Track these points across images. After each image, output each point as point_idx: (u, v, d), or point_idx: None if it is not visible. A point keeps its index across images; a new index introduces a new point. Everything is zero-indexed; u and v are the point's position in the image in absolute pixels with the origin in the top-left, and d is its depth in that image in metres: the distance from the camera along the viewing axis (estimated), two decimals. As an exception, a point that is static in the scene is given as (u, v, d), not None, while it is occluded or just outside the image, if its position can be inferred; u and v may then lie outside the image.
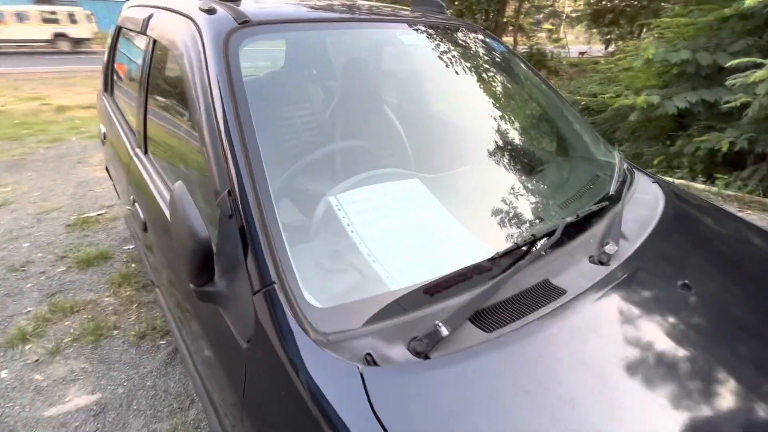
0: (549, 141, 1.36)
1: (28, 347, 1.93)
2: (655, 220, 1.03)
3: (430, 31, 1.34)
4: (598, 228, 0.96)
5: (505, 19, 13.96)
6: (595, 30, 14.63)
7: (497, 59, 1.45)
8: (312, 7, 1.28)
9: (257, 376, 0.67)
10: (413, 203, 0.95)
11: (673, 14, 5.08)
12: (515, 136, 1.29)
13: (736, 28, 4.27)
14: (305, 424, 0.56)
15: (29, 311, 2.16)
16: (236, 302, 0.72)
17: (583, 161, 1.26)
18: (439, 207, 0.93)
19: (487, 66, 1.39)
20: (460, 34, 1.42)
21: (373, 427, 0.51)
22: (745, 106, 3.70)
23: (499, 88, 1.39)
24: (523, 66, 1.48)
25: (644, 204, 1.12)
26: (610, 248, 0.88)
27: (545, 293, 0.75)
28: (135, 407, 1.64)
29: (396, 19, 1.30)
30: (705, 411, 0.59)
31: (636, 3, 11.85)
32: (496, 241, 0.85)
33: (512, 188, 1.06)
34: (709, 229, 1.13)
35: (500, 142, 1.21)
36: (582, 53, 15.23)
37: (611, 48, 13.61)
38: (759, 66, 3.34)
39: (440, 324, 0.63)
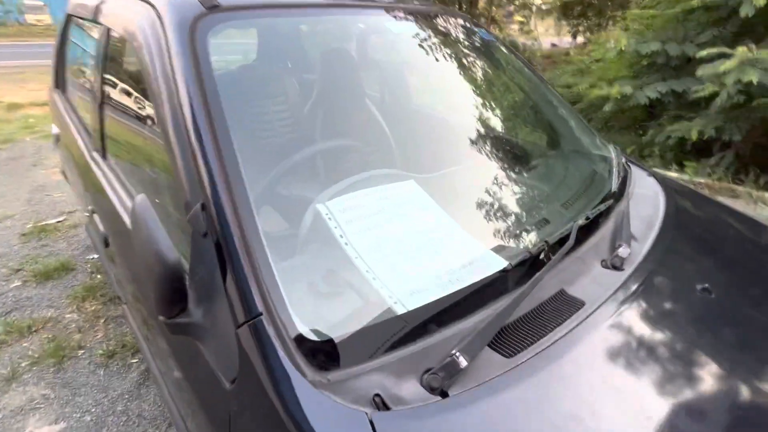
0: (546, 136, 1.30)
1: (-21, 374, 1.73)
2: (659, 218, 0.99)
3: (419, 19, 1.24)
4: (607, 229, 0.90)
5: (478, 11, 13.99)
6: (564, 22, 14.93)
7: (490, 52, 1.37)
8: None
9: (244, 424, 0.57)
10: (411, 209, 0.86)
11: (642, 6, 5.16)
12: (512, 132, 1.22)
13: (702, 20, 4.37)
14: None
15: (-20, 333, 1.95)
16: (216, 336, 0.61)
17: (582, 156, 1.21)
18: (441, 212, 0.84)
19: (478, 59, 1.31)
20: (449, 24, 1.33)
21: None
22: (713, 96, 3.79)
23: (493, 82, 1.31)
24: (518, 60, 1.41)
25: (646, 200, 1.07)
26: (623, 251, 0.82)
27: (563, 306, 0.69)
28: (107, 430, 1.49)
29: (381, 5, 1.20)
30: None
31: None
32: (507, 249, 0.77)
33: (514, 188, 0.99)
34: (713, 224, 1.10)
35: (497, 138, 1.14)
36: (554, 45, 15.48)
37: (580, 39, 13.87)
38: (727, 56, 3.41)
39: (457, 354, 0.54)
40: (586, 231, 0.88)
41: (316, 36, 1.16)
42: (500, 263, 0.71)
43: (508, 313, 0.61)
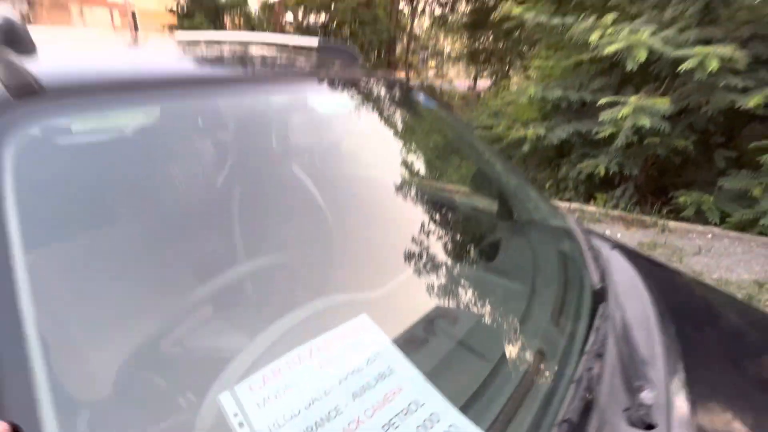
0: (502, 209, 1.11)
1: None
2: (653, 322, 0.82)
3: (343, 89, 1.01)
4: (609, 356, 0.69)
5: (395, 59, 14.82)
6: (472, 67, 16.44)
7: (425, 118, 1.18)
8: (169, 61, 0.86)
9: None
10: (359, 358, 0.57)
11: (542, 57, 5.70)
12: (448, 216, 1.02)
13: (591, 70, 4.90)
14: None
15: None
16: None
17: (532, 235, 1.03)
18: (413, 371, 0.57)
19: (411, 126, 1.11)
20: (379, 91, 1.11)
21: None
22: (612, 136, 4.16)
23: (427, 154, 1.11)
24: (454, 123, 1.24)
25: (630, 294, 0.91)
26: (646, 397, 0.61)
27: None
28: None
29: (296, 77, 0.94)
30: None
31: (503, 46, 13.59)
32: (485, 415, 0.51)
33: (497, 312, 0.76)
34: (704, 314, 0.98)
35: (431, 227, 0.91)
36: (471, 88, 16.81)
37: (487, 82, 15.22)
38: (622, 103, 3.77)
39: None
40: (578, 365, 0.66)
41: (189, 125, 0.84)
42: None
43: None
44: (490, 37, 14.24)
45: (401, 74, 15.64)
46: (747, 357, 0.83)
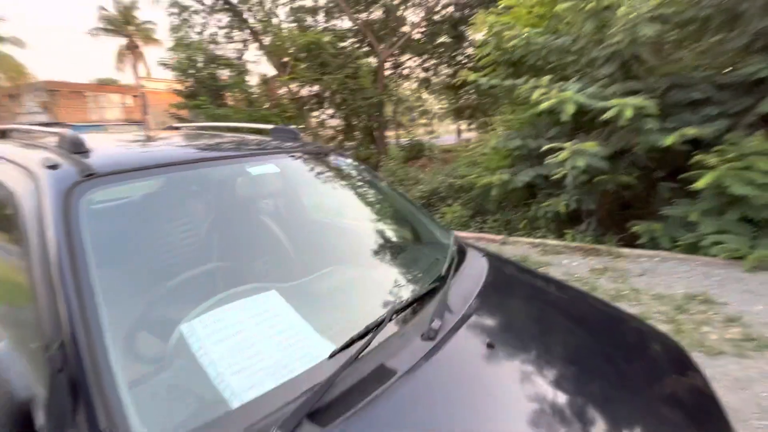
0: (393, 239, 1.62)
1: None
2: (475, 292, 1.28)
3: (287, 159, 1.58)
4: (430, 307, 1.15)
5: (386, 119, 16.14)
6: (459, 122, 17.79)
7: (344, 171, 1.74)
8: (174, 148, 1.43)
9: None
10: (270, 315, 1.05)
11: (506, 113, 6.51)
12: (364, 240, 1.52)
13: (545, 121, 5.62)
14: None
15: None
16: None
17: (422, 249, 1.53)
18: (293, 314, 1.04)
19: (336, 179, 1.67)
20: (313, 156, 1.69)
21: None
22: (564, 177, 4.75)
23: (351, 199, 1.65)
24: (370, 177, 1.80)
25: (470, 278, 1.38)
26: (435, 324, 1.07)
27: (379, 377, 0.88)
28: None
29: (256, 152, 1.51)
30: None
31: (485, 101, 14.91)
32: (340, 339, 0.97)
33: (360, 288, 1.24)
34: (519, 291, 1.44)
35: (350, 247, 1.42)
36: (467, 140, 18.05)
37: (473, 134, 16.37)
38: (562, 149, 4.41)
39: (275, 429, 0.70)
40: (414, 312, 1.13)
41: (196, 188, 1.40)
42: (328, 351, 0.90)
43: (324, 390, 0.78)
44: (473, 95, 15.65)
45: (391, 134, 16.89)
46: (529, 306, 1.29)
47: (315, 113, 14.32)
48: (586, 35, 4.78)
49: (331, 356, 0.89)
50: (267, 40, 13.42)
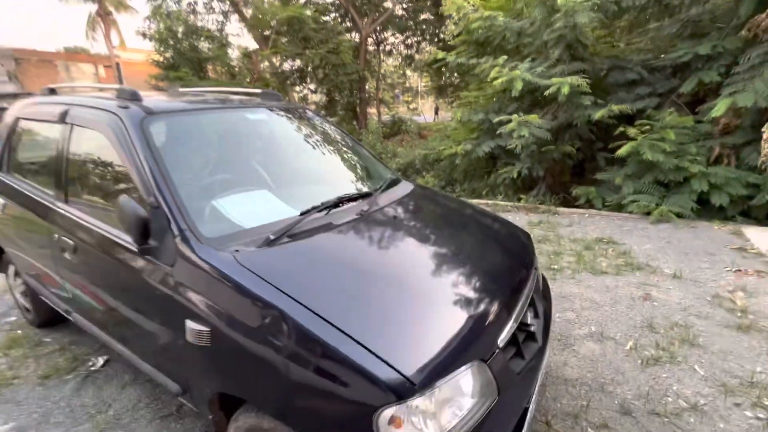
0: (353, 169, 2.34)
1: None
2: (397, 197, 2.03)
3: (272, 111, 2.28)
4: (365, 201, 1.89)
5: (368, 95, 16.62)
6: (440, 100, 18.38)
7: (315, 123, 2.45)
8: (194, 101, 2.11)
9: (184, 282, 1.35)
10: (263, 200, 1.77)
11: (472, 90, 7.21)
12: (329, 167, 2.25)
13: (507, 97, 6.35)
14: (216, 289, 1.29)
15: None
16: (163, 251, 1.40)
17: (373, 177, 2.25)
18: (279, 201, 1.76)
19: (309, 128, 2.37)
20: (294, 111, 2.39)
21: (249, 279, 1.25)
22: (523, 147, 5.53)
23: (317, 138, 2.37)
24: (330, 125, 2.52)
25: (396, 190, 2.12)
26: (365, 207, 1.81)
27: (328, 227, 1.61)
28: (53, 421, 1.95)
29: (251, 105, 2.21)
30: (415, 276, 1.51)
31: (467, 79, 15.55)
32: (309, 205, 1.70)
33: (323, 191, 1.96)
34: (426, 199, 2.19)
35: (318, 169, 2.15)
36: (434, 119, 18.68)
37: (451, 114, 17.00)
38: (509, 121, 5.17)
39: (277, 236, 1.43)
40: (354, 200, 1.86)
41: (213, 123, 2.08)
42: (300, 210, 1.64)
43: (294, 224, 1.51)
44: (455, 73, 16.24)
45: (373, 110, 17.36)
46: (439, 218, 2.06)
47: (297, 88, 14.69)
48: (538, 20, 5.48)
49: (301, 214, 1.62)
50: (248, 12, 13.63)
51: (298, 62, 13.73)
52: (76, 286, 1.92)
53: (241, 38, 15.11)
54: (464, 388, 1.15)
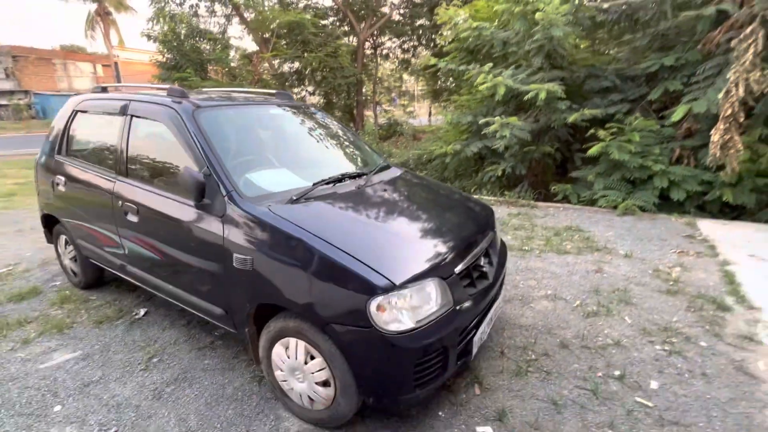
0: (352, 155, 2.92)
1: (-2, 344, 2.58)
2: (388, 177, 2.61)
3: (287, 108, 2.86)
4: (362, 178, 2.47)
5: (364, 98, 17.26)
6: (436, 104, 19.06)
7: (321, 119, 3.03)
8: (232, 99, 2.69)
9: (232, 226, 1.91)
10: (284, 175, 2.35)
11: (463, 94, 7.83)
12: (332, 152, 2.83)
13: (492, 102, 6.97)
14: (257, 230, 1.85)
15: (-20, 330, 2.75)
16: (215, 206, 1.97)
17: (368, 161, 2.84)
18: (295, 176, 2.34)
19: (316, 122, 2.96)
20: (305, 108, 2.98)
21: (281, 222, 1.83)
22: (507, 147, 6.14)
23: (323, 130, 2.96)
24: (331, 122, 3.11)
25: (387, 173, 2.70)
26: (362, 182, 2.39)
27: (333, 195, 2.18)
28: (112, 350, 2.51)
29: (269, 102, 2.79)
30: (411, 226, 2.08)
31: (461, 85, 16.25)
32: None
33: (330, 170, 2.54)
34: (412, 180, 2.77)
35: (323, 153, 2.73)
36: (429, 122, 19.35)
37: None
38: (492, 123, 5.79)
39: (298, 197, 2.01)
40: (353, 178, 2.43)
41: (246, 114, 2.66)
42: (312, 182, 2.21)
43: (309, 190, 2.08)
44: (450, 77, 16.94)
45: (369, 113, 18.00)
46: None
47: (296, 89, 15.28)
48: (521, 31, 6.12)
49: (313, 184, 2.20)
50: (249, 16, 14.25)
51: (296, 64, 14.35)
52: (135, 242, 2.47)
53: (242, 41, 15.71)
54: (429, 294, 1.72)
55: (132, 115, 2.52)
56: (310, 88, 15.85)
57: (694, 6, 5.38)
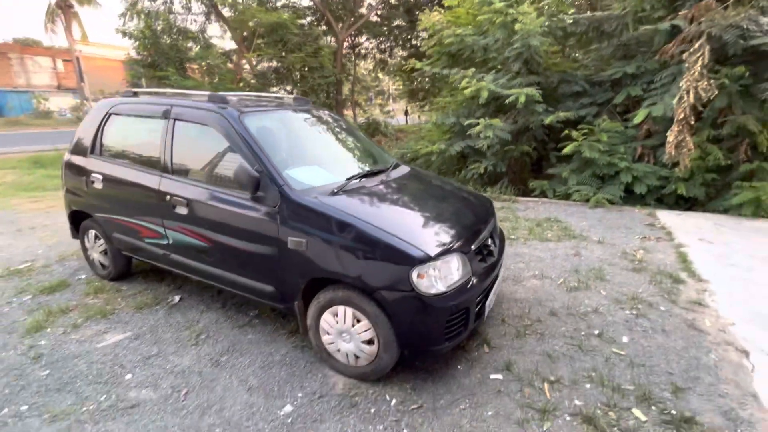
0: (364, 152, 3.34)
1: (48, 329, 2.83)
2: (402, 173, 3.04)
3: (309, 112, 3.24)
4: (383, 174, 2.89)
5: (343, 97, 17.58)
6: (412, 104, 19.63)
7: (334, 121, 3.44)
8: (263, 104, 3.03)
9: (286, 214, 2.28)
10: (316, 172, 2.73)
11: (445, 96, 8.37)
12: (351, 152, 3.24)
13: (474, 104, 7.54)
14: (308, 217, 2.24)
15: (25, 319, 2.98)
16: (268, 198, 2.33)
17: (381, 160, 3.26)
18: (328, 173, 2.73)
19: (336, 125, 3.36)
20: (322, 112, 3.37)
21: (329, 209, 2.23)
22: (489, 146, 6.70)
23: (342, 133, 3.35)
24: (345, 124, 3.51)
25: (400, 169, 3.13)
26: (385, 178, 2.81)
27: (361, 188, 2.59)
28: (161, 330, 2.81)
29: (291, 107, 3.17)
30: (424, 218, 2.51)
31: (437, 85, 16.87)
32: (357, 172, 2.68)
33: (354, 166, 2.94)
34: (420, 176, 3.22)
35: (344, 151, 3.14)
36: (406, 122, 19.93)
37: (423, 117, 18.24)
38: (476, 124, 6.34)
39: (337, 190, 2.40)
40: (376, 174, 2.85)
41: (281, 118, 3.02)
42: (345, 177, 2.61)
43: (345, 185, 2.49)
44: (426, 78, 17.54)
45: (348, 112, 18.34)
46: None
47: (275, 88, 15.41)
48: (500, 39, 6.70)
49: (347, 179, 2.60)
50: (227, 12, 14.26)
51: (274, 63, 14.50)
52: (182, 232, 2.78)
53: (222, 40, 15.68)
54: (454, 266, 2.17)
55: (175, 119, 2.83)
56: (289, 87, 16.03)
57: (652, 20, 6.12)
